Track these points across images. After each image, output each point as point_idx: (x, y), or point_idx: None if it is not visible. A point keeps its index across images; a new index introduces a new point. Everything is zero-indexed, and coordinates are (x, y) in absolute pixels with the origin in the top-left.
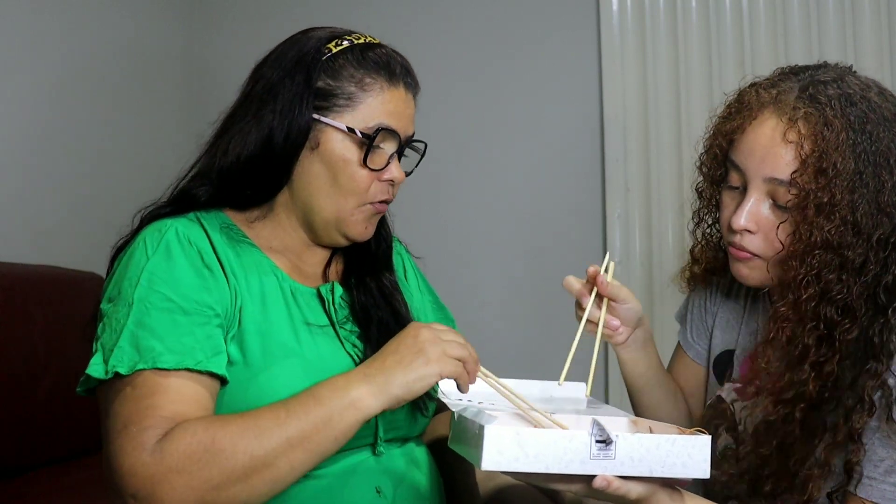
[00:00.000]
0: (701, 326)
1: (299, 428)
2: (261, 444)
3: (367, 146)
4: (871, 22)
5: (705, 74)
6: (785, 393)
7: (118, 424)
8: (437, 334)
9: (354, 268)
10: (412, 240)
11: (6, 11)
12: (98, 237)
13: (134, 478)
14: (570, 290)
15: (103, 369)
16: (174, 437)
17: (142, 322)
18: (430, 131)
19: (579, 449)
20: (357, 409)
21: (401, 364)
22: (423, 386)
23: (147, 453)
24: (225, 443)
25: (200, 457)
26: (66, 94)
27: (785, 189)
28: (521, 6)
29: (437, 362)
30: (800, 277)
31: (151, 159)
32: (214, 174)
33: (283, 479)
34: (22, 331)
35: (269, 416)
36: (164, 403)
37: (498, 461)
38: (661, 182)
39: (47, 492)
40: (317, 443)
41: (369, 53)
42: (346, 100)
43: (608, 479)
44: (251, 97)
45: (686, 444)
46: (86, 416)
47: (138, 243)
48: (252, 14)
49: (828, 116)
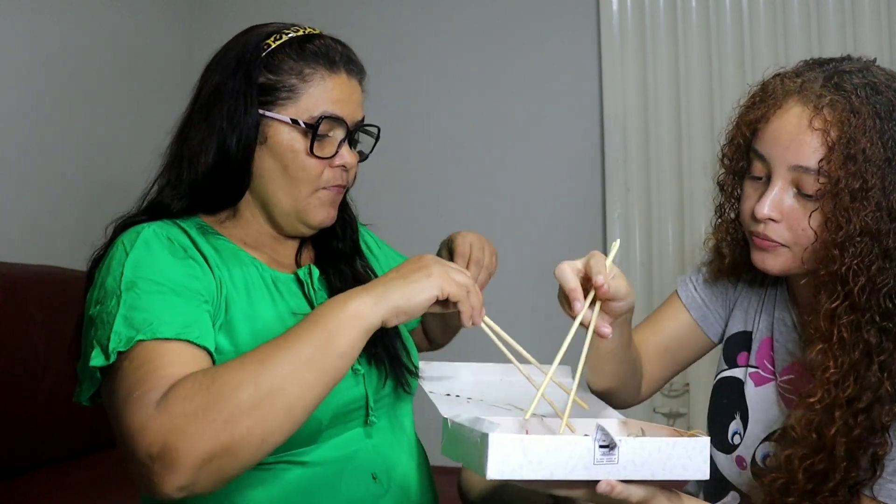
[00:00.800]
0: (722, 298)
1: (301, 349)
2: (265, 371)
3: (312, 135)
4: (871, 22)
5: (705, 74)
6: (858, 402)
7: (122, 396)
8: (443, 261)
9: (325, 255)
10: (412, 240)
11: (5, 11)
12: (98, 237)
13: (145, 435)
14: (562, 283)
15: (103, 357)
16: (176, 388)
17: (133, 306)
18: (431, 131)
19: (583, 455)
20: (357, 318)
21: (402, 277)
22: (423, 299)
23: (152, 408)
24: (226, 378)
25: (203, 397)
26: (66, 93)
27: (811, 177)
28: (521, 6)
29: (440, 278)
30: (845, 268)
31: (152, 160)
32: (184, 186)
33: (296, 404)
34: (22, 331)
35: (269, 346)
36: (164, 366)
37: (502, 470)
38: (661, 182)
39: (47, 492)
40: (322, 360)
41: (308, 45)
42: (289, 92)
43: (612, 483)
44: (200, 101)
45: (686, 447)
46: (86, 416)
47: (116, 246)
48: (252, 14)
49: (854, 104)
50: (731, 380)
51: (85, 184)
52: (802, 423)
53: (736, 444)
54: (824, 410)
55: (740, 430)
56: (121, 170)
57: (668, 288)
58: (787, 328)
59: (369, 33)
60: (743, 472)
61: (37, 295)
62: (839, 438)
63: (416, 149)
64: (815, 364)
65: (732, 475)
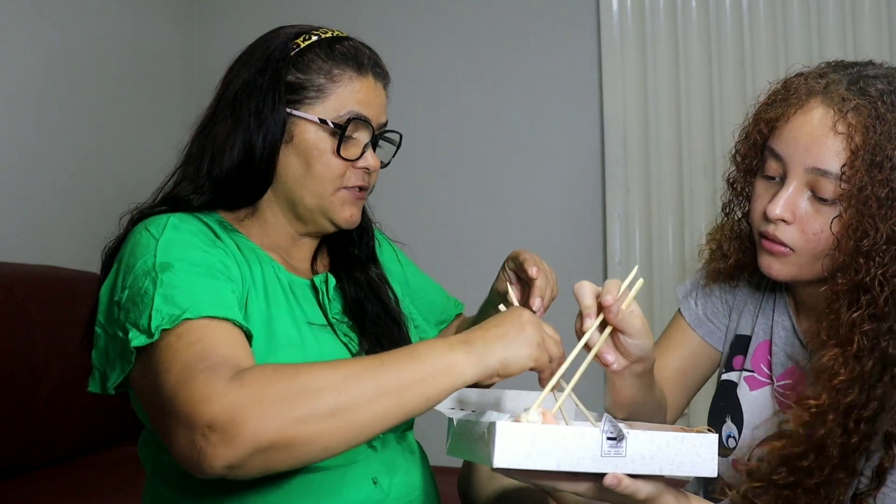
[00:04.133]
0: (721, 306)
1: (392, 379)
2: (351, 386)
3: (340, 136)
4: (871, 22)
5: (705, 74)
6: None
7: (179, 368)
8: (540, 323)
9: (341, 261)
10: (411, 240)
11: (7, 12)
12: (98, 237)
13: (212, 404)
14: (578, 300)
15: (145, 336)
16: (254, 370)
17: (172, 285)
18: (431, 131)
19: (591, 446)
20: (453, 374)
21: (503, 339)
22: (517, 367)
23: (224, 381)
24: (312, 378)
25: (285, 387)
26: (66, 93)
27: (830, 181)
28: (521, 6)
29: (537, 348)
30: (870, 277)
31: (152, 159)
32: (206, 181)
33: (367, 426)
34: (22, 331)
35: (361, 363)
36: (221, 344)
37: (510, 458)
38: (661, 182)
39: (47, 492)
40: (407, 398)
41: (337, 46)
42: (317, 92)
43: (619, 477)
44: (225, 99)
45: (694, 443)
46: (86, 416)
47: (140, 232)
48: (252, 14)
49: (879, 109)
50: (728, 383)
51: (85, 184)
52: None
53: (731, 447)
54: (820, 413)
55: (734, 433)
56: (121, 170)
57: (668, 288)
58: (787, 332)
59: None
60: (739, 475)
61: (37, 295)
62: (830, 440)
63: (415, 149)
64: (822, 368)
65: (729, 478)
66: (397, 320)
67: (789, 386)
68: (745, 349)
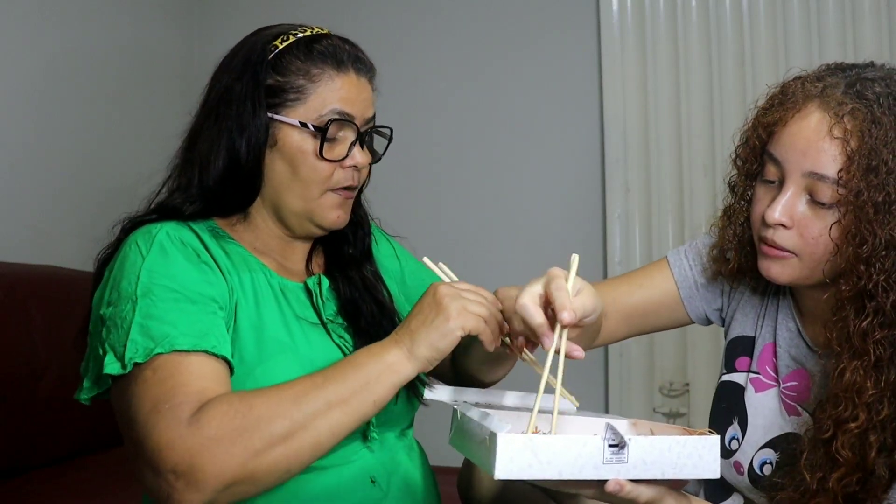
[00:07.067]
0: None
1: (338, 391)
2: (300, 407)
3: (321, 138)
4: (871, 22)
5: (705, 74)
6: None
7: (146, 406)
8: (457, 291)
9: (336, 260)
10: (411, 240)
11: (7, 13)
12: (98, 237)
13: (172, 451)
14: (527, 321)
15: (119, 365)
16: (210, 408)
17: (150, 314)
18: (430, 131)
19: (592, 454)
20: (393, 373)
21: (424, 324)
22: (448, 343)
23: (183, 426)
24: (263, 409)
25: (239, 423)
26: (66, 93)
27: (827, 186)
28: (521, 6)
29: (458, 317)
30: (872, 284)
31: (151, 160)
32: (195, 191)
33: (323, 441)
34: (22, 331)
35: (306, 382)
36: (190, 381)
37: (511, 469)
38: (661, 182)
39: (47, 492)
40: (355, 406)
41: (315, 45)
42: (297, 93)
43: (621, 482)
44: (209, 105)
45: (696, 445)
46: (86, 416)
47: (129, 246)
48: (252, 14)
49: (876, 113)
50: (731, 384)
51: (85, 184)
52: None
53: (734, 449)
54: (861, 433)
55: (738, 435)
56: (121, 170)
57: None
58: (791, 334)
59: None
60: (741, 477)
61: (37, 295)
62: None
63: (415, 148)
64: (847, 385)
65: (731, 479)
66: (392, 319)
67: (795, 388)
68: (750, 351)
